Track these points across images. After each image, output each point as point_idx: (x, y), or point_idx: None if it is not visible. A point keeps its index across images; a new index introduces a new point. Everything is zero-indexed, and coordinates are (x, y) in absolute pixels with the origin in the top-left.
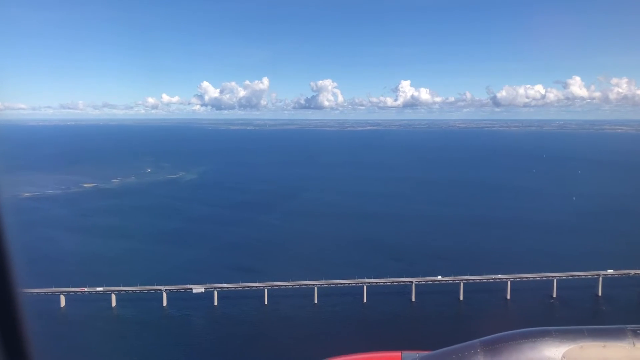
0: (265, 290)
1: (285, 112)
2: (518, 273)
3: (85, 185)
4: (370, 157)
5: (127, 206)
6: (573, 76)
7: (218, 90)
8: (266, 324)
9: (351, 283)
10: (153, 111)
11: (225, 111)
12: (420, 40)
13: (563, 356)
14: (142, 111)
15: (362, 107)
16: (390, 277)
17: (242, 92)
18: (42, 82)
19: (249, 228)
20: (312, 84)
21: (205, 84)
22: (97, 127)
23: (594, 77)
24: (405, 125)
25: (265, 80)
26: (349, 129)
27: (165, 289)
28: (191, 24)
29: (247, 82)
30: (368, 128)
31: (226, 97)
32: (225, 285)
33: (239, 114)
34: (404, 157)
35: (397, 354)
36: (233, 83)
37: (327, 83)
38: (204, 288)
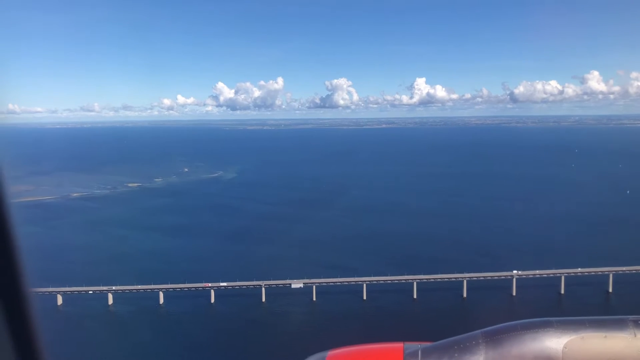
0: (364, 285)
1: (297, 111)
2: (619, 266)
3: (130, 184)
4: (400, 154)
5: (183, 205)
6: (591, 71)
7: (233, 90)
8: (366, 320)
9: (450, 278)
10: (166, 112)
11: (238, 112)
12: (434, 38)
13: (564, 347)
14: (156, 112)
15: (375, 106)
16: (490, 272)
17: (256, 93)
18: (61, 85)
19: (317, 225)
20: (327, 83)
21: (220, 84)
22: (114, 129)
23: (613, 72)
24: (421, 123)
25: (280, 80)
26: (365, 127)
27: (265, 284)
28: (206, 25)
29: (262, 82)
30: (384, 126)
31: (241, 97)
32: (323, 280)
33: (252, 114)
34: (435, 153)
35: (400, 344)
36: (248, 83)
37: (342, 82)
38: (303, 283)
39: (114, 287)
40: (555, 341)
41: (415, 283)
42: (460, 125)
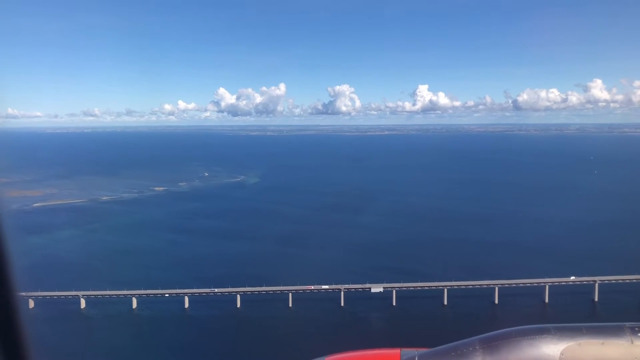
0: (445, 290)
1: (296, 118)
2: None
3: (155, 188)
4: (415, 160)
5: (218, 209)
6: (594, 79)
7: (234, 96)
8: (446, 325)
9: (532, 283)
10: (165, 118)
11: (237, 117)
12: (437, 45)
13: (561, 353)
14: (154, 118)
15: (375, 112)
16: (571, 277)
17: (258, 98)
18: (62, 90)
19: (365, 229)
20: (329, 89)
21: (221, 90)
22: (115, 133)
23: (616, 80)
24: (423, 130)
25: (282, 86)
26: (368, 134)
27: (344, 288)
28: (208, 31)
29: (264, 88)
30: (386, 133)
31: (242, 103)
32: (404, 284)
33: (251, 121)
34: (449, 160)
35: (397, 351)
36: (250, 89)
37: (345, 88)
38: (383, 287)
39: (189, 290)
40: (552, 348)
41: (496, 288)
42: (463, 132)
